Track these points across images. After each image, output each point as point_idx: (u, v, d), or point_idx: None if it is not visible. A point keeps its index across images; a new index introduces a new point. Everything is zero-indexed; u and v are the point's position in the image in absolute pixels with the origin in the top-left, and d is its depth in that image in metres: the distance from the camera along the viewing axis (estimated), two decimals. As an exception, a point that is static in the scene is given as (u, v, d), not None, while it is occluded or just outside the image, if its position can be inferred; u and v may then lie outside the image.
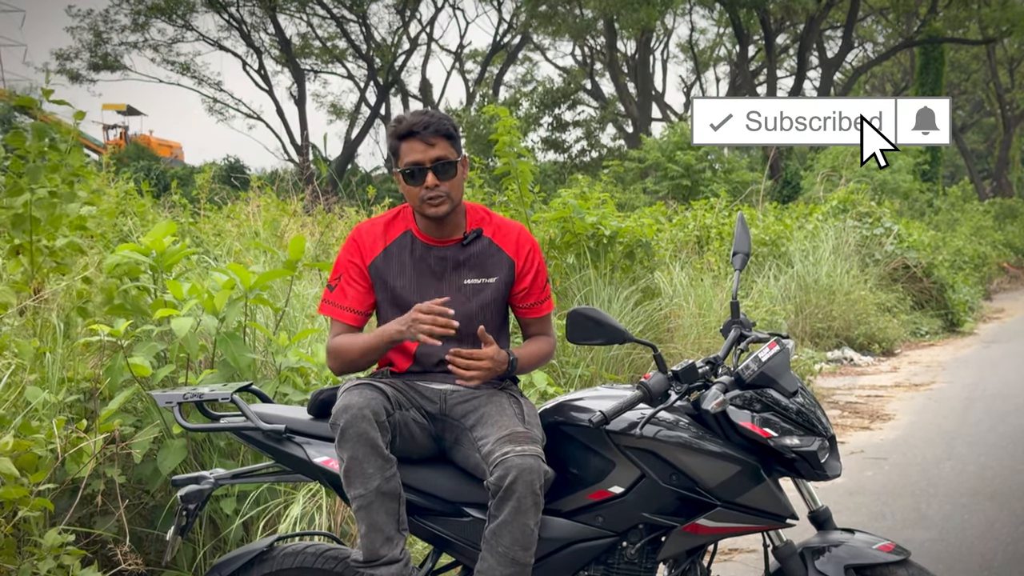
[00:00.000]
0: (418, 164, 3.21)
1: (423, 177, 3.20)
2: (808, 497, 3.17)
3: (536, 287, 3.39)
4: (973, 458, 7.20)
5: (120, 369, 4.29)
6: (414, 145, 3.21)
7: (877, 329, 13.57)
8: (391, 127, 3.30)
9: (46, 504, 3.63)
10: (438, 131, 3.22)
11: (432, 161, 3.21)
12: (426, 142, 3.21)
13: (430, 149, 3.21)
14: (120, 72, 40.27)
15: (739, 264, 3.40)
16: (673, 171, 24.52)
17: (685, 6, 42.78)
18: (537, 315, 3.43)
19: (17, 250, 5.01)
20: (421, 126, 3.21)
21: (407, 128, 3.22)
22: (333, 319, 3.34)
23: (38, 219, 4.89)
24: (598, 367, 7.62)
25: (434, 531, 3.17)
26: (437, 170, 3.21)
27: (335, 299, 3.34)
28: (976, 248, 24.45)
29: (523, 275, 3.36)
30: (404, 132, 3.23)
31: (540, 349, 3.41)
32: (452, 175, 3.24)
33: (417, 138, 3.21)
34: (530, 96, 42.32)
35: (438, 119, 3.24)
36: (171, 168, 33.27)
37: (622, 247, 8.91)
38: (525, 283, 3.37)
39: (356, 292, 3.32)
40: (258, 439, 3.26)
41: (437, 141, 3.22)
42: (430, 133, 3.21)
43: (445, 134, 3.24)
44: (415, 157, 3.21)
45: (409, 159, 3.22)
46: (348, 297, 3.32)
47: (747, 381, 3.03)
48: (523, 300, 3.39)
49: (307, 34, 43.01)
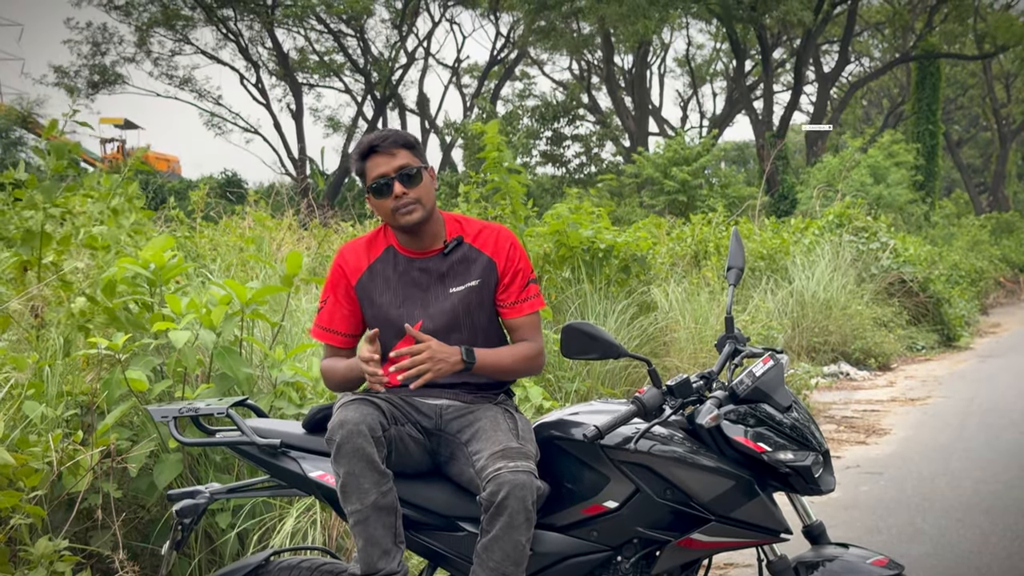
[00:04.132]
0: (383, 176, 3.25)
1: (390, 188, 3.25)
2: (802, 512, 3.18)
3: (515, 285, 3.35)
4: (968, 473, 7.21)
5: (117, 383, 4.29)
6: (377, 160, 3.28)
7: (873, 344, 13.58)
8: (353, 152, 3.37)
9: (39, 512, 3.63)
10: (396, 142, 3.29)
11: (396, 170, 3.26)
12: (388, 154, 3.27)
13: (392, 159, 3.27)
14: (118, 85, 40.34)
15: (734, 279, 3.41)
16: (669, 186, 24.58)
17: (682, 20, 42.93)
18: (517, 315, 3.35)
19: (24, 267, 5.01)
20: (379, 139, 3.28)
21: (367, 145, 3.29)
22: (322, 342, 3.42)
23: (50, 236, 4.89)
24: (594, 381, 7.63)
25: (429, 545, 3.18)
26: (402, 178, 3.25)
27: (321, 322, 3.42)
28: (972, 262, 24.48)
29: (505, 273, 3.35)
30: (365, 150, 3.29)
31: (514, 351, 3.32)
32: (418, 182, 3.28)
33: (379, 153, 3.27)
34: (531, 111, 42.38)
35: (395, 132, 3.32)
36: (168, 182, 33.26)
37: (618, 261, 8.93)
38: (507, 280, 3.35)
39: (342, 314, 3.38)
40: (254, 453, 3.26)
41: (398, 151, 3.28)
42: (389, 145, 3.27)
43: (404, 144, 3.30)
44: (379, 170, 3.27)
45: (374, 174, 3.27)
46: (334, 320, 3.39)
47: (741, 396, 3.05)
48: (504, 299, 3.35)
49: (304, 48, 43.12)
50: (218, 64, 41.40)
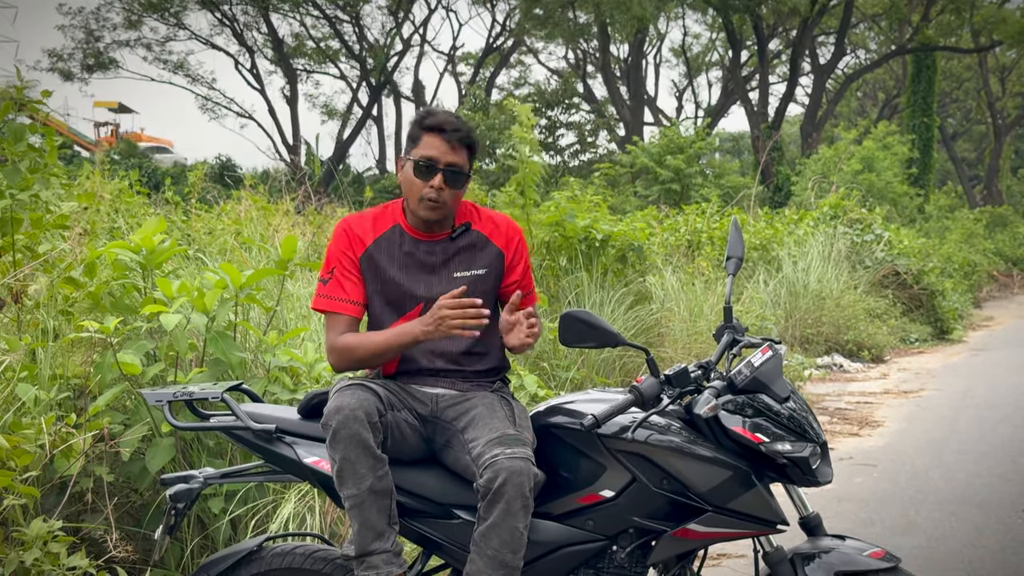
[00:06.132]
0: (433, 161, 3.19)
1: (433, 175, 3.19)
2: (799, 503, 3.17)
3: (527, 279, 3.40)
4: (962, 466, 7.21)
5: (109, 366, 4.27)
6: (436, 141, 3.20)
7: (867, 335, 13.59)
8: (420, 114, 3.27)
9: (33, 492, 3.61)
10: (463, 140, 3.22)
11: (447, 164, 3.20)
12: (449, 143, 3.20)
13: (450, 152, 3.20)
14: (112, 70, 40.15)
15: (732, 269, 3.40)
16: (663, 175, 24.55)
17: (678, 11, 42.85)
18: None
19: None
20: (451, 127, 3.21)
21: (437, 123, 3.22)
22: (332, 313, 3.25)
23: (20, 220, 4.83)
24: (589, 370, 7.62)
25: (423, 533, 3.16)
26: (448, 175, 3.20)
27: (331, 292, 3.26)
28: (966, 256, 24.52)
29: (513, 266, 3.36)
30: (433, 125, 3.22)
31: None
32: (459, 186, 3.24)
33: (442, 136, 3.20)
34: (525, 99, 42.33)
35: (468, 129, 3.25)
36: (161, 165, 33.10)
37: (614, 251, 8.92)
38: (516, 275, 3.36)
39: (352, 283, 3.26)
40: (248, 439, 3.24)
41: (459, 148, 3.22)
42: (456, 137, 3.21)
43: (468, 145, 3.24)
44: (433, 153, 3.19)
45: (426, 152, 3.20)
46: (345, 289, 3.26)
47: (739, 386, 3.03)
48: (513, 292, 3.33)
49: (300, 34, 42.96)
50: (212, 49, 41.24)
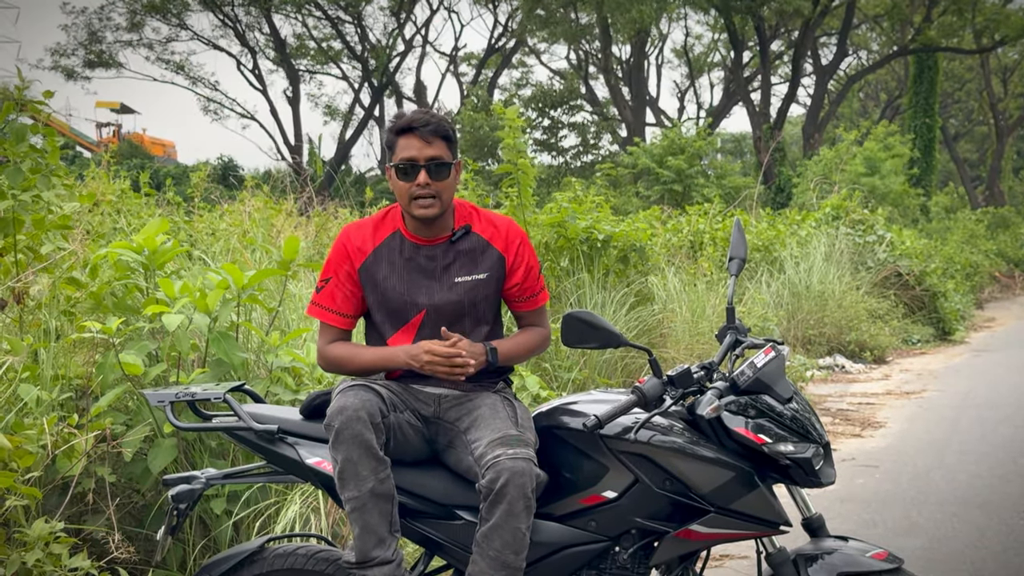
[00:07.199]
0: (412, 160, 3.19)
1: (416, 174, 3.19)
2: (801, 504, 3.17)
3: (529, 282, 3.37)
4: (963, 467, 7.21)
5: (112, 367, 4.27)
6: (411, 141, 3.20)
7: (869, 336, 13.57)
8: (390, 121, 3.28)
9: (35, 493, 3.61)
10: (436, 131, 3.21)
11: (427, 159, 3.19)
12: (424, 139, 3.20)
13: (427, 147, 3.20)
14: (114, 70, 40.18)
15: (735, 269, 3.39)
16: (664, 176, 24.54)
17: (680, 11, 42.82)
18: (532, 308, 3.41)
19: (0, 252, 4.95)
20: (421, 123, 3.20)
21: (407, 123, 3.21)
22: (321, 321, 3.33)
23: (22, 221, 4.83)
24: (591, 371, 7.62)
25: (426, 534, 3.16)
26: (431, 169, 3.19)
27: (322, 301, 3.32)
28: (968, 257, 24.50)
29: (514, 270, 3.34)
30: (403, 127, 3.22)
31: (529, 339, 3.39)
32: (445, 177, 3.22)
33: (415, 134, 3.20)
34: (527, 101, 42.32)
35: (438, 119, 3.23)
36: (164, 167, 33.13)
37: (616, 251, 8.91)
38: (517, 278, 3.35)
39: (344, 295, 3.30)
40: (250, 439, 3.24)
41: (434, 140, 3.21)
42: (429, 131, 3.20)
43: (443, 135, 3.23)
44: (411, 153, 3.20)
45: (404, 155, 3.20)
46: (336, 300, 3.31)
47: (742, 387, 3.02)
48: (518, 295, 3.37)
49: (302, 35, 42.98)
50: (215, 50, 41.26)
